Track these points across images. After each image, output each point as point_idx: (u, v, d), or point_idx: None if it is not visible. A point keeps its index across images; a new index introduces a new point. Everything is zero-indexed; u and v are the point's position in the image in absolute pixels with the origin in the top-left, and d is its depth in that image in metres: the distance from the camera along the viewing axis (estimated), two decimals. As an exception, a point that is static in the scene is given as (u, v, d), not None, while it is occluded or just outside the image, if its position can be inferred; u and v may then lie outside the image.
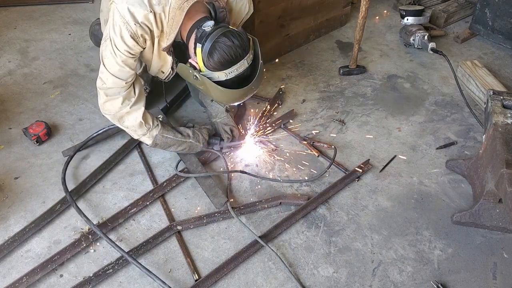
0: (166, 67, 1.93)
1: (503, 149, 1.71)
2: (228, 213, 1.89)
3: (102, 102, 1.87)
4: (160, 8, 1.69)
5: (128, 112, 1.88)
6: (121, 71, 1.76)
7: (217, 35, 1.67)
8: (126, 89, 1.83)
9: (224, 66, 1.69)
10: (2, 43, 3.04)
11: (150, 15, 1.68)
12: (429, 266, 1.73)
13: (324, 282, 1.67)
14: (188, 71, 1.79)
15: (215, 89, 1.74)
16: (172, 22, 1.72)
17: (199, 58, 1.73)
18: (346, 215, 1.92)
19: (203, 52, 1.70)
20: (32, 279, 1.64)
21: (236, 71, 1.70)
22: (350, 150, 2.24)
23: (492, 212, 1.79)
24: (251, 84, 1.77)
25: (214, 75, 1.71)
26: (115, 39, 1.70)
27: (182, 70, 1.85)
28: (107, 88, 1.82)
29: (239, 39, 1.68)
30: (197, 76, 1.75)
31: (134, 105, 1.87)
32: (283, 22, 2.80)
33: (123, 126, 1.94)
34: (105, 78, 1.79)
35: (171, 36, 1.74)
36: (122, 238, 1.82)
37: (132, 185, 2.04)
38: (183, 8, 1.68)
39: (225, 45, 1.66)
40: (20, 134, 2.27)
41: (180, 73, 1.90)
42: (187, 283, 1.67)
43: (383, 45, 3.12)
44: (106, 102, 1.86)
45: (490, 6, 2.96)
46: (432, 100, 2.60)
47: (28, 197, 1.97)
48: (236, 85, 1.75)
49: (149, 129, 1.94)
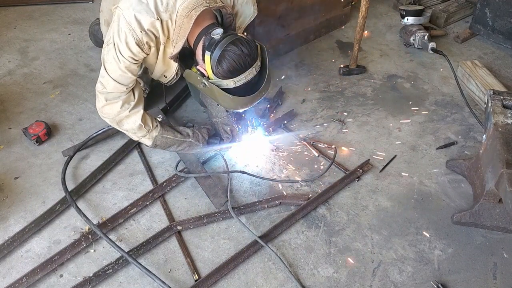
0: (169, 72, 1.92)
1: (503, 149, 1.71)
2: (228, 213, 1.89)
3: (101, 106, 1.86)
4: (167, 15, 1.68)
5: (127, 116, 1.87)
6: (123, 76, 1.75)
7: (226, 43, 1.66)
8: (126, 93, 1.83)
9: (233, 74, 1.69)
10: (2, 43, 3.04)
11: (157, 23, 1.67)
12: (429, 266, 1.73)
13: (324, 282, 1.67)
14: (196, 78, 1.78)
15: (224, 96, 1.74)
16: (180, 30, 1.71)
17: (207, 66, 1.73)
18: (346, 215, 1.92)
19: (212, 60, 1.69)
20: (32, 279, 1.64)
21: (244, 79, 1.70)
22: (350, 150, 2.24)
23: (492, 212, 1.79)
24: (259, 91, 1.77)
25: (223, 83, 1.71)
26: (120, 45, 1.68)
27: (190, 77, 1.84)
28: (107, 93, 1.81)
29: (248, 47, 1.68)
30: (205, 83, 1.74)
31: (133, 109, 1.86)
32: (283, 22, 2.80)
33: (122, 129, 1.93)
34: (106, 83, 1.78)
35: (178, 44, 1.73)
36: (122, 238, 1.82)
37: (132, 185, 2.04)
38: (191, 16, 1.67)
39: (234, 54, 1.66)
40: (20, 134, 2.27)
41: (187, 78, 1.89)
42: (187, 283, 1.67)
43: (383, 45, 3.12)
44: (105, 106, 1.85)
45: (490, 6, 2.95)
46: (432, 100, 2.59)
47: (28, 197, 1.97)
48: (244, 92, 1.75)
49: (149, 131, 1.93)
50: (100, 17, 2.30)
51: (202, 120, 2.40)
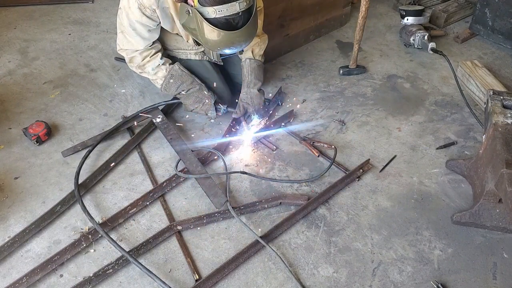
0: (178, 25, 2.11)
1: (503, 149, 1.71)
2: (228, 213, 1.89)
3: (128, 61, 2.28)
4: None
5: (148, 61, 2.23)
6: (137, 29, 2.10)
7: None
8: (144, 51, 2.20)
9: (215, 2, 1.75)
10: (2, 43, 3.04)
11: None
12: (429, 266, 1.73)
13: (324, 282, 1.67)
14: (184, 8, 1.85)
15: (204, 25, 1.80)
16: None
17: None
18: (346, 215, 1.92)
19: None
20: (32, 279, 1.64)
21: (226, 11, 1.76)
22: (350, 150, 2.24)
23: (492, 212, 1.79)
24: (239, 31, 1.82)
25: (205, 11, 1.77)
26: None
27: (180, 9, 1.91)
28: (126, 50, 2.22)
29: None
30: (189, 11, 1.82)
31: (153, 55, 2.23)
32: (283, 22, 2.80)
33: (145, 71, 2.28)
34: (121, 43, 2.21)
35: None
36: (122, 238, 1.82)
37: (132, 185, 2.04)
38: None
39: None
40: (20, 134, 2.27)
41: (180, 13, 1.94)
42: (187, 283, 1.67)
43: (383, 45, 3.12)
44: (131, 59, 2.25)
45: (490, 6, 2.96)
46: (432, 100, 2.60)
47: (28, 197, 1.97)
48: (225, 28, 1.81)
49: (167, 63, 2.28)
50: None
51: (202, 121, 2.40)
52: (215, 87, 2.37)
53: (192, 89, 2.29)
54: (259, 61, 2.37)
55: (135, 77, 2.68)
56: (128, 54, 2.23)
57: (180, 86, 2.28)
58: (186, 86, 2.27)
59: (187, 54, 2.35)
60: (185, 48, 2.33)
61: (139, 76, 2.46)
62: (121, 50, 2.25)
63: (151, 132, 2.32)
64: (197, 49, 2.32)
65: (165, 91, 2.31)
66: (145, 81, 2.62)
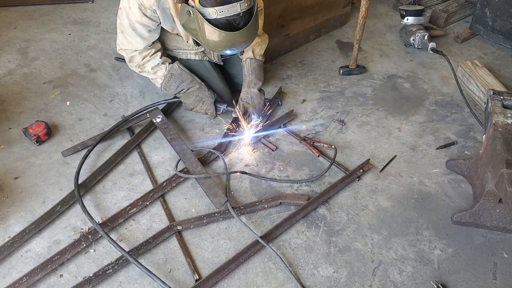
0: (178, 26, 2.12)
1: (503, 149, 1.71)
2: (228, 213, 1.89)
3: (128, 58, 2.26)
4: None
5: (148, 60, 2.24)
6: (137, 30, 2.10)
7: None
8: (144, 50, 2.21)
9: (216, 3, 1.75)
10: (2, 43, 3.04)
11: None
12: (429, 266, 1.73)
13: (324, 282, 1.67)
14: (185, 9, 1.85)
15: (205, 26, 1.80)
16: None
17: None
18: (346, 215, 1.92)
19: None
20: (32, 279, 1.64)
21: (227, 12, 1.76)
22: (350, 150, 2.24)
23: (492, 212, 1.78)
24: (240, 31, 1.82)
25: (206, 11, 1.77)
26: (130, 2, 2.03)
27: (181, 9, 1.91)
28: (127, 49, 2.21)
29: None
30: (190, 11, 1.81)
31: (153, 54, 2.24)
32: (283, 22, 2.80)
33: (144, 70, 2.28)
34: (122, 44, 2.20)
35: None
36: (122, 238, 1.82)
37: (132, 185, 2.04)
38: None
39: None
40: (20, 134, 2.27)
41: (180, 14, 1.94)
42: (187, 283, 1.67)
43: (383, 45, 3.12)
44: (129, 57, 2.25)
45: (490, 6, 2.96)
46: (432, 100, 2.60)
47: (28, 197, 1.97)
48: (226, 29, 1.81)
49: (167, 62, 2.29)
50: None
51: (202, 121, 2.40)
52: (215, 87, 2.37)
53: (192, 88, 2.29)
54: (260, 61, 2.37)
55: (135, 77, 2.68)
56: (128, 53, 2.23)
57: (180, 85, 2.28)
58: (186, 85, 2.28)
59: (187, 54, 2.35)
60: (185, 48, 2.33)
61: (139, 76, 2.46)
62: (121, 50, 2.25)
63: (151, 132, 2.32)
64: (197, 49, 2.32)
65: (165, 90, 2.32)
66: (145, 81, 2.62)
